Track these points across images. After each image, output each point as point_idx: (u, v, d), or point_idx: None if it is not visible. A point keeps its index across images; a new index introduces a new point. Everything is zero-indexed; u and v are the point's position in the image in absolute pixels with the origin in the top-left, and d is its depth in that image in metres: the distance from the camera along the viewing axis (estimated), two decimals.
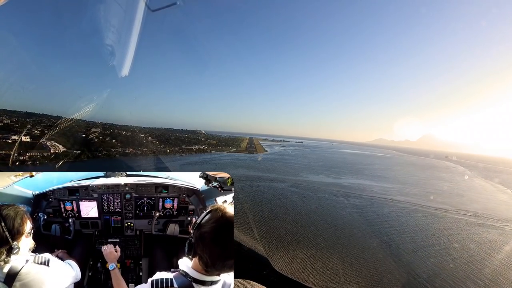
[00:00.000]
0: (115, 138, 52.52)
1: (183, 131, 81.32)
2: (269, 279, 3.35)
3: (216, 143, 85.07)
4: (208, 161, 57.75)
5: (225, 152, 78.15)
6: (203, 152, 72.41)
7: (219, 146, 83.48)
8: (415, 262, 15.13)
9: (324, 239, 17.38)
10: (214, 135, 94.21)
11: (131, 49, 5.60)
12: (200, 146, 75.11)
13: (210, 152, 74.42)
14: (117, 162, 46.53)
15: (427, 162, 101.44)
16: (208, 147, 77.25)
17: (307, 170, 51.09)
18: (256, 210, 21.85)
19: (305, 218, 21.34)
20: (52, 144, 36.85)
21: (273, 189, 31.13)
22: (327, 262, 14.22)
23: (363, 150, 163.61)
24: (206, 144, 79.33)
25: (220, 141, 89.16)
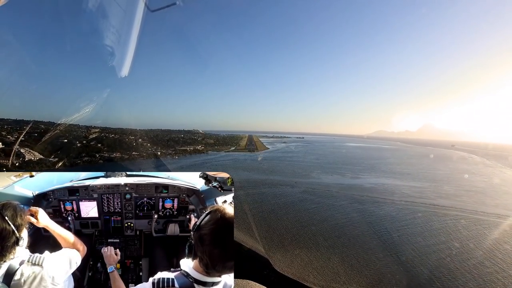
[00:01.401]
0: (101, 142, 49.47)
1: (180, 131, 78.74)
2: (269, 279, 3.35)
3: (214, 142, 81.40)
4: (203, 164, 53.08)
5: (223, 152, 73.83)
6: (199, 152, 68.61)
7: (217, 146, 79.89)
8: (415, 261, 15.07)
9: (324, 238, 17.35)
10: (212, 135, 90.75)
11: (130, 49, 5.61)
12: (196, 147, 71.38)
13: (206, 152, 70.79)
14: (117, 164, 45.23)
15: (438, 153, 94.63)
16: (205, 147, 73.73)
17: (317, 169, 45.37)
18: (256, 210, 21.77)
19: (305, 218, 21.23)
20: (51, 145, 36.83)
21: (282, 196, 26.69)
22: (328, 262, 14.19)
23: (367, 143, 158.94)
24: (203, 144, 75.80)
25: (218, 140, 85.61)
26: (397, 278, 13.33)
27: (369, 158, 68.29)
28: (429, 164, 59.99)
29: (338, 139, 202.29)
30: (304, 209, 23.51)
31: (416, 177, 40.65)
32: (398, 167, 52.63)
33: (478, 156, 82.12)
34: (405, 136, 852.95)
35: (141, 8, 5.25)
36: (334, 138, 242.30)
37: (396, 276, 13.47)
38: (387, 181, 37.20)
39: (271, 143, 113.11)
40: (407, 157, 77.57)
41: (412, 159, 70.68)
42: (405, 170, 47.96)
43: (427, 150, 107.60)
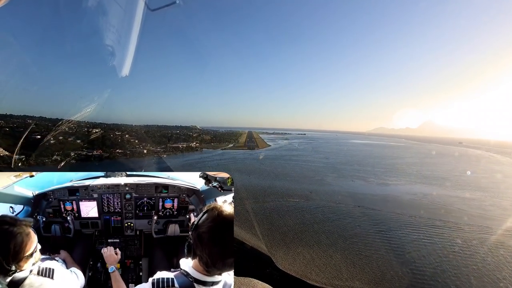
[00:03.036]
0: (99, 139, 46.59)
1: (177, 127, 73.56)
2: (272, 276, 3.34)
3: (210, 139, 75.99)
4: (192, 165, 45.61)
5: (219, 150, 67.19)
6: (192, 150, 61.92)
7: (213, 143, 74.04)
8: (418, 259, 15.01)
9: (326, 236, 17.34)
10: (210, 130, 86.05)
11: (131, 49, 5.59)
12: (190, 144, 64.84)
13: (200, 150, 64.35)
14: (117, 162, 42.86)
15: (450, 151, 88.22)
16: (199, 144, 67.74)
17: (332, 172, 38.49)
18: (258, 208, 21.74)
19: (307, 216, 21.16)
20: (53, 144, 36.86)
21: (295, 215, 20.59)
22: (330, 259, 14.21)
23: (371, 140, 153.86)
24: (198, 140, 70.14)
25: (216, 137, 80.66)
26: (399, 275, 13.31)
27: (384, 157, 62.59)
28: (456, 165, 53.04)
29: (340, 136, 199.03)
30: (306, 207, 23.10)
31: (457, 184, 33.83)
32: (424, 168, 45.75)
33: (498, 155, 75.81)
34: (406, 133, 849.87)
35: (141, 7, 5.22)
36: (336, 135, 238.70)
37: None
38: (427, 189, 29.76)
39: (272, 139, 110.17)
40: (423, 155, 71.78)
41: (431, 158, 64.25)
42: (437, 173, 41.16)
43: (441, 148, 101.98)
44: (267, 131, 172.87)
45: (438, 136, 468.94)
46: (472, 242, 17.09)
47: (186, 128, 75.62)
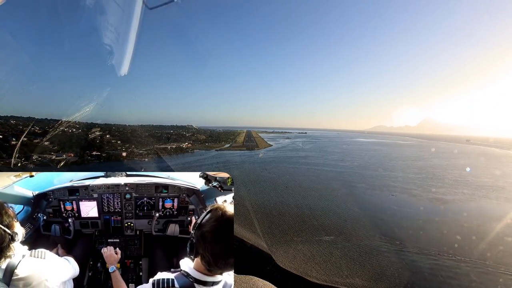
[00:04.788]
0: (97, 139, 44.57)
1: (172, 127, 69.17)
2: (272, 274, 3.35)
3: (205, 139, 70.99)
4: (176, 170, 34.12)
5: (213, 150, 60.47)
6: (182, 152, 55.85)
7: (208, 143, 68.31)
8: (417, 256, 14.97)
9: (326, 234, 17.35)
10: (206, 130, 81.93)
11: (129, 48, 5.56)
12: (181, 144, 59.19)
13: (192, 151, 58.44)
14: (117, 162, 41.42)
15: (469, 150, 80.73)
16: (192, 145, 62.01)
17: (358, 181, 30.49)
18: (258, 206, 21.65)
19: (307, 213, 21.19)
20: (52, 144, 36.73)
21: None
22: (330, 256, 14.25)
23: (375, 138, 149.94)
24: (192, 140, 64.81)
25: (212, 136, 76.06)
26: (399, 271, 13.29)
27: (406, 158, 53.58)
28: (493, 168, 46.01)
29: (343, 135, 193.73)
30: (307, 204, 23.05)
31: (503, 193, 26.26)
32: (466, 173, 36.99)
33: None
34: (405, 131, 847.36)
35: (139, 6, 5.19)
36: (338, 133, 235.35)
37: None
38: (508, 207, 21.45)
39: (273, 138, 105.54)
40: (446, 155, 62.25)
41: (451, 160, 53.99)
42: (474, 179, 32.35)
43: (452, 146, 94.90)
44: (267, 129, 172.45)
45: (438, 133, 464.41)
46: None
47: (181, 127, 71.51)
